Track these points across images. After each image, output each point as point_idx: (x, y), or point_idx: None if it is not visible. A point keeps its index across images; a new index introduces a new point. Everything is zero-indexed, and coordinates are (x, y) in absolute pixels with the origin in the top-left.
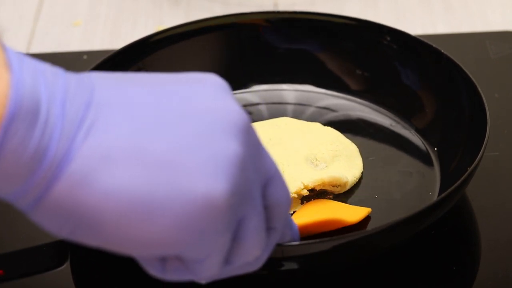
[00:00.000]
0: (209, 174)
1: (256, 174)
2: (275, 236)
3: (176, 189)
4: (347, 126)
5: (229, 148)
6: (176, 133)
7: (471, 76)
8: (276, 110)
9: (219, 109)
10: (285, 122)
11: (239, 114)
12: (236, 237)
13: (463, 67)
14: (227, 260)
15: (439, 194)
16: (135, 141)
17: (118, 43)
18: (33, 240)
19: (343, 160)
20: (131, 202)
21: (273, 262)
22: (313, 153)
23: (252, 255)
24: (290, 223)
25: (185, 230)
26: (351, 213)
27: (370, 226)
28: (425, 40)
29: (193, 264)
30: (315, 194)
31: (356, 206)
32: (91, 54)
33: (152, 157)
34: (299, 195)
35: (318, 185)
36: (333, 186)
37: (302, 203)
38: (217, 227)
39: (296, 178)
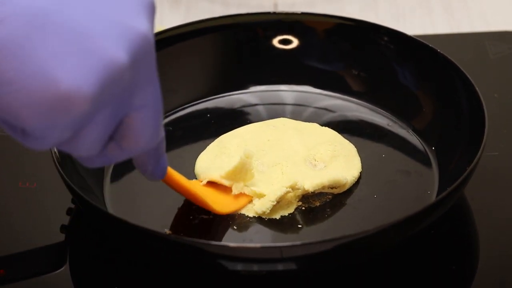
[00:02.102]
0: (114, 42)
1: (137, 85)
2: (117, 151)
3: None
4: (345, 127)
5: (138, 25)
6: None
7: (468, 76)
8: (274, 110)
9: None
10: (283, 123)
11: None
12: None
13: (460, 66)
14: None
15: (438, 194)
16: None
17: None
18: (33, 242)
19: (341, 160)
20: None
21: (272, 262)
22: (312, 153)
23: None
24: (160, 160)
25: (89, 87)
26: (224, 204)
27: (370, 225)
28: (422, 40)
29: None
30: (314, 194)
31: (241, 197)
32: None
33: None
34: (297, 196)
35: (318, 189)
36: (332, 188)
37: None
38: (113, 91)
39: (296, 179)
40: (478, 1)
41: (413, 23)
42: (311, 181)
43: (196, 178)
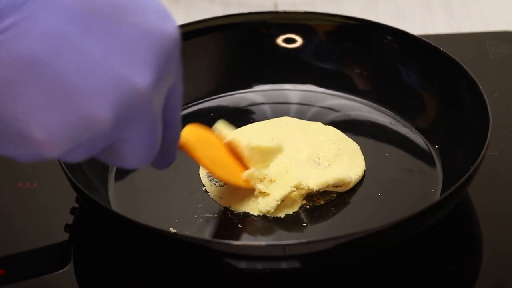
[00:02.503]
0: (101, 100)
1: (164, 89)
2: (105, 159)
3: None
4: (349, 126)
5: (138, 79)
6: (92, 45)
7: (472, 75)
8: (278, 109)
9: (154, 26)
10: (287, 122)
11: (172, 33)
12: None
13: (464, 65)
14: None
15: (442, 192)
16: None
17: None
18: (34, 242)
19: (345, 159)
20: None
21: (276, 260)
22: (316, 152)
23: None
24: (165, 158)
25: (61, 141)
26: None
27: (374, 224)
28: (425, 39)
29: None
30: (318, 193)
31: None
32: None
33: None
34: (302, 194)
35: (323, 187)
36: (336, 186)
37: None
38: (90, 140)
39: (300, 178)
40: (478, 1)
41: (413, 23)
42: (315, 180)
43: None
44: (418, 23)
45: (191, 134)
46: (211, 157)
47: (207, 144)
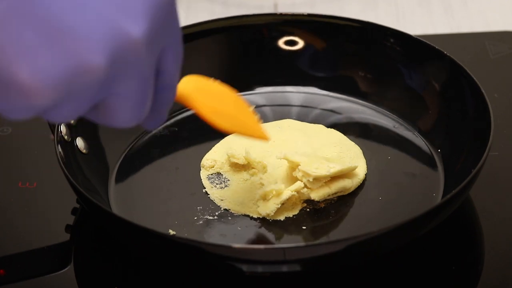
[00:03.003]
0: (94, 45)
1: (158, 45)
2: (97, 118)
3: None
4: (351, 128)
5: (132, 28)
6: None
7: (474, 78)
8: (280, 112)
9: None
10: (289, 124)
11: None
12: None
13: (467, 69)
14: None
15: (443, 195)
16: None
17: None
18: (37, 242)
19: (347, 162)
20: None
21: (276, 264)
22: (317, 154)
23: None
24: (156, 118)
25: (51, 86)
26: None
27: (375, 227)
28: (428, 42)
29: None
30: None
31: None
32: None
33: None
34: (302, 198)
35: (325, 197)
36: (347, 178)
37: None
38: (80, 89)
39: (301, 183)
40: (478, 1)
41: (413, 23)
42: (317, 191)
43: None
44: (418, 23)
45: (189, 83)
46: (215, 108)
47: (209, 94)
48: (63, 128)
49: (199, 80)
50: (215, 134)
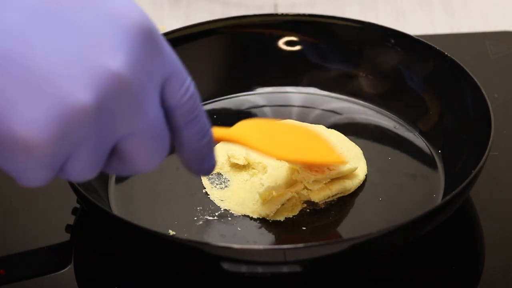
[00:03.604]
0: (77, 84)
1: (149, 79)
2: (119, 168)
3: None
4: (352, 129)
5: (110, 62)
6: (58, 36)
7: (475, 79)
8: (281, 112)
9: (118, 12)
10: None
11: (139, 18)
12: (121, 143)
13: (467, 69)
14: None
15: (444, 196)
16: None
17: None
18: (37, 242)
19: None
20: None
21: (276, 264)
22: None
23: (145, 162)
24: (205, 161)
25: (47, 132)
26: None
27: (375, 228)
28: (429, 42)
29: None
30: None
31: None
32: None
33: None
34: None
35: (325, 199)
36: (347, 179)
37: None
38: (79, 132)
39: (301, 184)
40: (478, 1)
41: (413, 23)
42: (317, 193)
43: None
44: (418, 23)
45: (240, 126)
46: (275, 143)
47: (265, 132)
48: None
49: (249, 122)
50: None
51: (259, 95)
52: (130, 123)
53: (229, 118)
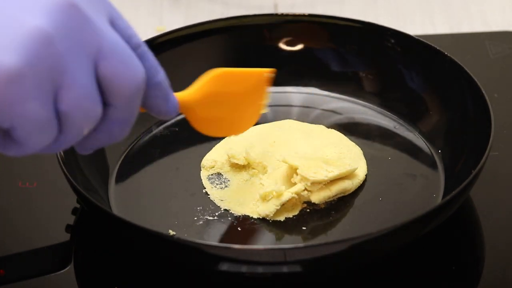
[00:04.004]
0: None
1: (76, 48)
2: (113, 111)
3: None
4: (352, 129)
5: (30, 25)
6: None
7: (475, 79)
8: (281, 112)
9: None
10: (289, 125)
11: None
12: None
13: (467, 69)
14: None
15: (444, 196)
16: None
17: None
18: (37, 242)
19: (347, 162)
20: None
21: (276, 265)
22: (318, 155)
23: (79, 127)
24: (167, 96)
25: None
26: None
27: (375, 228)
28: (429, 42)
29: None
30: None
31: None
32: None
33: None
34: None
35: (325, 200)
36: (347, 180)
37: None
38: (13, 96)
39: (301, 186)
40: (478, 1)
41: (413, 23)
42: (317, 194)
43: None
44: (418, 23)
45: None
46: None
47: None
48: None
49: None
50: None
51: None
52: (64, 79)
53: None
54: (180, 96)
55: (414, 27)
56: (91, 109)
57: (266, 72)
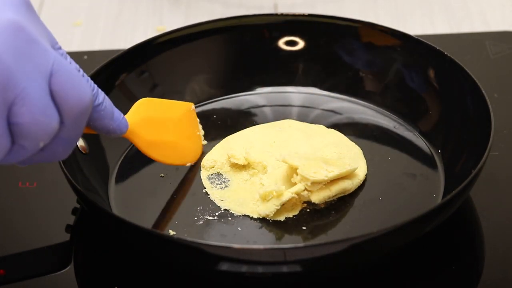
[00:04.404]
0: None
1: (27, 66)
2: (62, 129)
3: None
4: (352, 129)
5: None
6: None
7: (474, 78)
8: (281, 112)
9: None
10: (289, 125)
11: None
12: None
13: (467, 69)
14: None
15: (443, 196)
16: None
17: (118, 43)
18: (37, 242)
19: (347, 162)
20: None
21: (276, 264)
22: (318, 155)
23: (35, 141)
24: (112, 115)
25: None
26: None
27: (374, 228)
28: (429, 42)
29: None
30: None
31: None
32: (91, 54)
33: None
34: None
35: (325, 200)
36: (347, 180)
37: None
38: None
39: (301, 186)
40: (478, 1)
41: (413, 23)
42: (317, 194)
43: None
44: (418, 23)
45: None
46: (153, 141)
47: (153, 124)
48: None
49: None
50: (215, 135)
51: (259, 95)
52: (12, 97)
53: (228, 118)
54: None
55: (414, 27)
56: (47, 123)
57: (189, 105)
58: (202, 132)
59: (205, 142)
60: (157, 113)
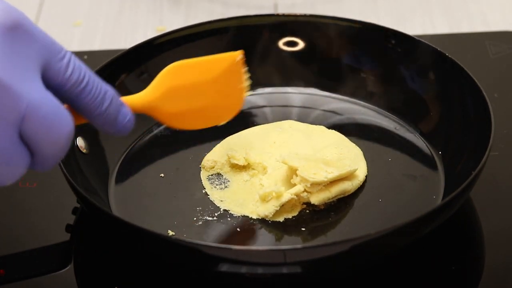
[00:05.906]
0: None
1: (22, 67)
2: (38, 158)
3: None
4: (352, 130)
5: None
6: None
7: (474, 78)
8: (281, 113)
9: None
10: (289, 125)
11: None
12: None
13: (466, 69)
14: None
15: (444, 197)
16: None
17: (118, 43)
18: (37, 242)
19: (347, 163)
20: None
21: (275, 266)
22: (318, 156)
23: (6, 177)
24: (118, 117)
25: None
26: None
27: (374, 229)
28: (429, 43)
29: None
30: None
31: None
32: (91, 54)
33: None
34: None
35: (325, 201)
36: (347, 181)
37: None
38: None
39: (301, 187)
40: (478, 1)
41: (413, 23)
42: (317, 195)
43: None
44: (418, 23)
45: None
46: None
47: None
48: None
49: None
50: (215, 135)
51: (259, 95)
52: (15, 111)
53: None
54: (138, 98)
55: (414, 27)
56: (16, 166)
57: (235, 55)
58: (247, 83)
59: (248, 94)
60: (188, 79)
